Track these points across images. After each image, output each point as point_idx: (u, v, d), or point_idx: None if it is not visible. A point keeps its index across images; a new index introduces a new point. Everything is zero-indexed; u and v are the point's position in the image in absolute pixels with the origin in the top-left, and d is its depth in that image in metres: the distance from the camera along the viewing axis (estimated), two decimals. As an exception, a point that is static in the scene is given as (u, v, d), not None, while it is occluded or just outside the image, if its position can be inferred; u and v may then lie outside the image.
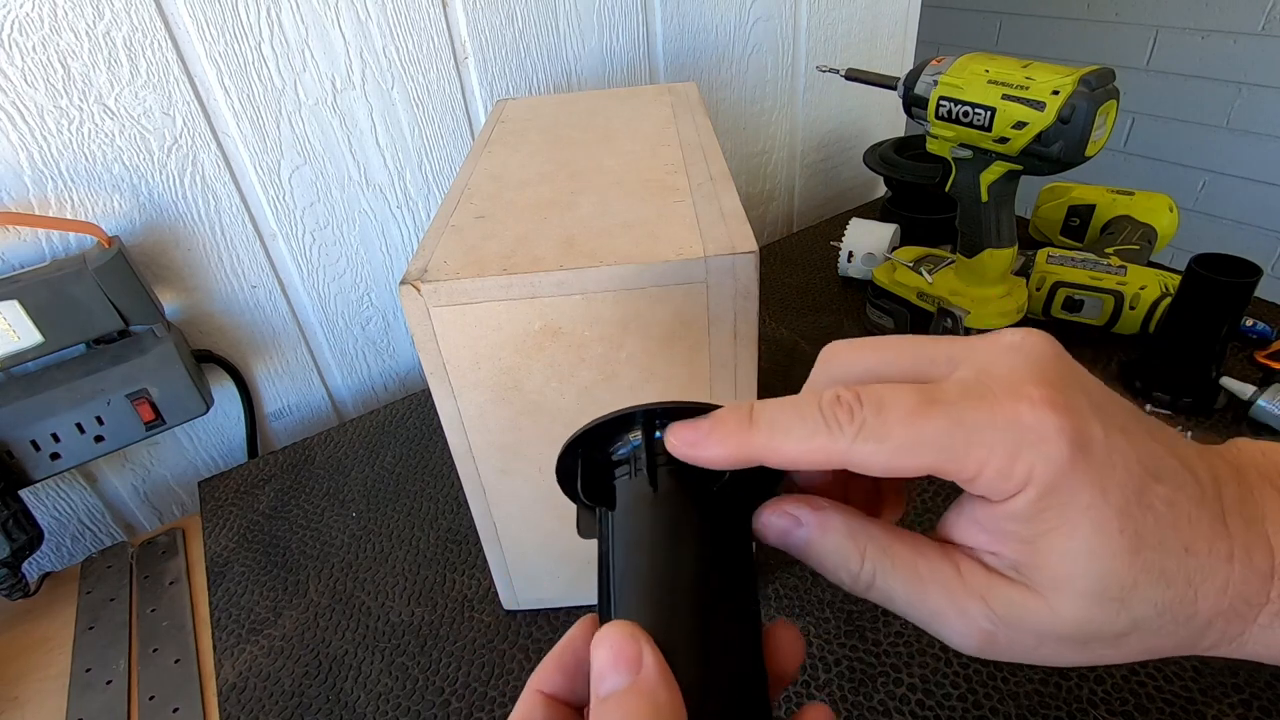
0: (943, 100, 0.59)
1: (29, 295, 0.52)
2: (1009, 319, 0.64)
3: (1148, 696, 0.42)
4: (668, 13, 0.81)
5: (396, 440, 0.69)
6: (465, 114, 0.73)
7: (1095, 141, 0.52)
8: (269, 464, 0.68)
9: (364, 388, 0.80)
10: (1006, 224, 0.62)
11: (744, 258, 0.35)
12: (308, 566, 0.57)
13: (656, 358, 0.38)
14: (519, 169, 0.47)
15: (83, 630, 0.56)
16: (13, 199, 0.55)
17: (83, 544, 0.68)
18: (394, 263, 0.75)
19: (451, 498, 0.62)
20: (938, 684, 0.44)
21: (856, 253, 0.83)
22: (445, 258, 0.37)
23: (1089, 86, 0.51)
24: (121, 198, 0.59)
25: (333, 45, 0.63)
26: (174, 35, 0.57)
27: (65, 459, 0.56)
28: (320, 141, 0.66)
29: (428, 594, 0.54)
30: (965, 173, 0.61)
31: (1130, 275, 0.68)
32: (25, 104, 0.53)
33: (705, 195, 0.41)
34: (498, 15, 0.71)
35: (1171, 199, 0.80)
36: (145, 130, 0.58)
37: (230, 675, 0.50)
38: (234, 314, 0.69)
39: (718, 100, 0.91)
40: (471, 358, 0.38)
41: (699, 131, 0.51)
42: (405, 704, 0.47)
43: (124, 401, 0.57)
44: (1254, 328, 0.68)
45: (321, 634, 0.52)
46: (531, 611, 0.51)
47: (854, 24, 0.98)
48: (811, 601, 0.50)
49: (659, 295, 0.36)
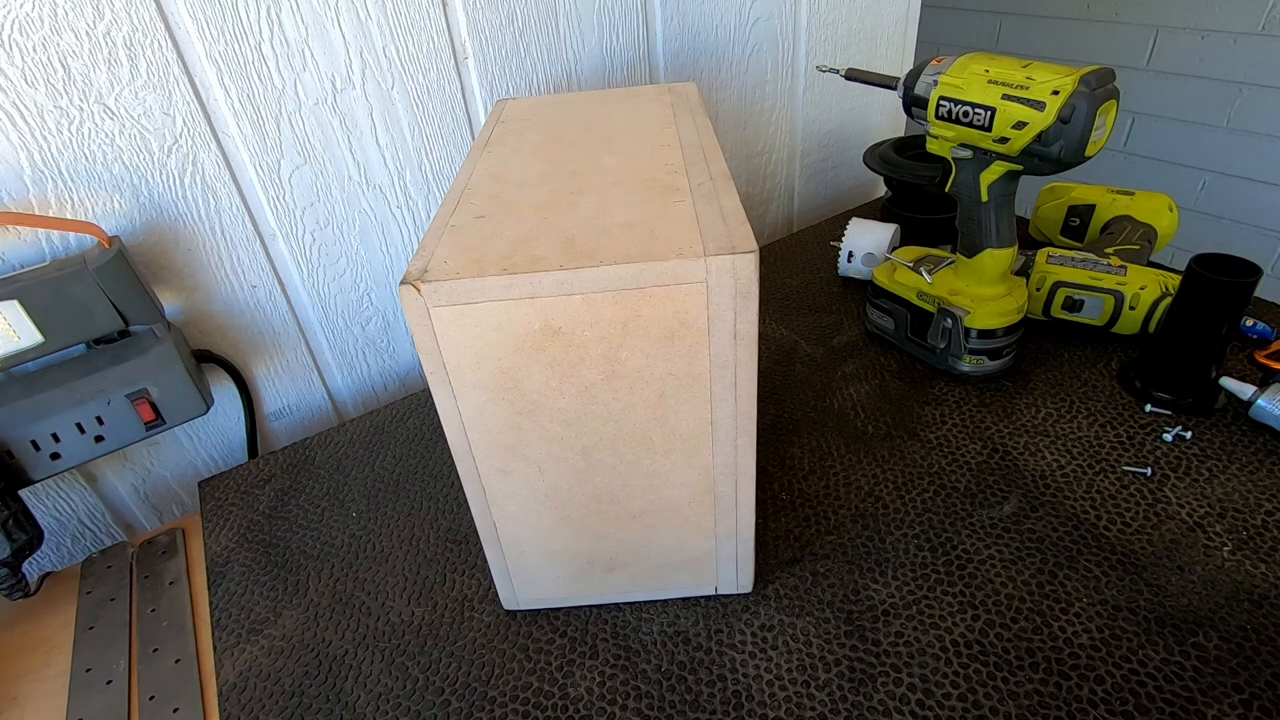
0: (943, 100, 0.59)
1: (29, 295, 0.52)
2: (1009, 319, 0.64)
3: (1148, 696, 0.42)
4: (668, 13, 0.81)
5: (396, 440, 0.69)
6: (465, 114, 0.73)
7: (1095, 141, 0.52)
8: (269, 464, 0.68)
9: (364, 388, 0.80)
10: (1006, 224, 0.62)
11: (744, 258, 0.35)
12: (308, 566, 0.57)
13: (656, 358, 0.38)
14: (519, 169, 0.47)
15: (83, 630, 0.56)
16: (13, 199, 0.55)
17: (83, 544, 0.68)
18: (394, 263, 0.75)
19: (451, 498, 0.62)
20: (938, 684, 0.44)
21: (856, 253, 0.83)
22: (445, 258, 0.37)
23: (1089, 86, 0.51)
24: (121, 198, 0.59)
25: (333, 45, 0.63)
26: (174, 35, 0.57)
27: (65, 459, 0.56)
28: (320, 141, 0.66)
29: (428, 594, 0.54)
30: (965, 173, 0.61)
31: (1130, 275, 0.68)
32: (25, 104, 0.53)
33: (705, 195, 0.41)
34: (498, 15, 0.71)
35: (1171, 199, 0.80)
36: (145, 130, 0.58)
37: (230, 675, 0.50)
38: (234, 314, 0.69)
39: (718, 100, 0.91)
40: (471, 358, 0.38)
41: (699, 131, 0.51)
42: (405, 704, 0.47)
43: (124, 401, 0.57)
44: (1254, 328, 0.68)
45: (321, 634, 0.52)
46: (531, 611, 0.51)
47: (854, 24, 0.98)
48: (811, 601, 0.50)
49: (659, 295, 0.36)
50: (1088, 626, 0.46)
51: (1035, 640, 0.46)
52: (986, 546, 0.52)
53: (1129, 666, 0.44)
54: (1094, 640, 0.46)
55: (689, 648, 0.48)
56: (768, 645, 0.48)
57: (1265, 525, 0.52)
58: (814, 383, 0.70)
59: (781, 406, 0.68)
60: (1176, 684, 0.43)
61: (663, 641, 0.49)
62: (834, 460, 0.61)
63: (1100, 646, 0.45)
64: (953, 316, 0.65)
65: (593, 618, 0.50)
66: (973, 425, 0.63)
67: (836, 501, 0.57)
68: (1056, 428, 0.62)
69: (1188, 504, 0.54)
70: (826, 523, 0.56)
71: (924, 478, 0.59)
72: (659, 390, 0.40)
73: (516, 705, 0.46)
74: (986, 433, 0.62)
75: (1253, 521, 0.52)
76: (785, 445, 0.63)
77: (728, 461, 0.43)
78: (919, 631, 0.47)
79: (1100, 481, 0.56)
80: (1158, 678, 0.43)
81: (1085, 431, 0.61)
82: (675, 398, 0.40)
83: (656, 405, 0.40)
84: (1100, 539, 0.52)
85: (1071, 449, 0.60)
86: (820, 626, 0.48)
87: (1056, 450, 0.60)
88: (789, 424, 0.66)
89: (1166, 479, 0.56)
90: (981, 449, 0.61)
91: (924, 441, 0.62)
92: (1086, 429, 0.61)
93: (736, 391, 0.40)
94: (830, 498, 0.58)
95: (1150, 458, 0.58)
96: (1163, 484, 0.56)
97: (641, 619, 0.50)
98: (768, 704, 0.44)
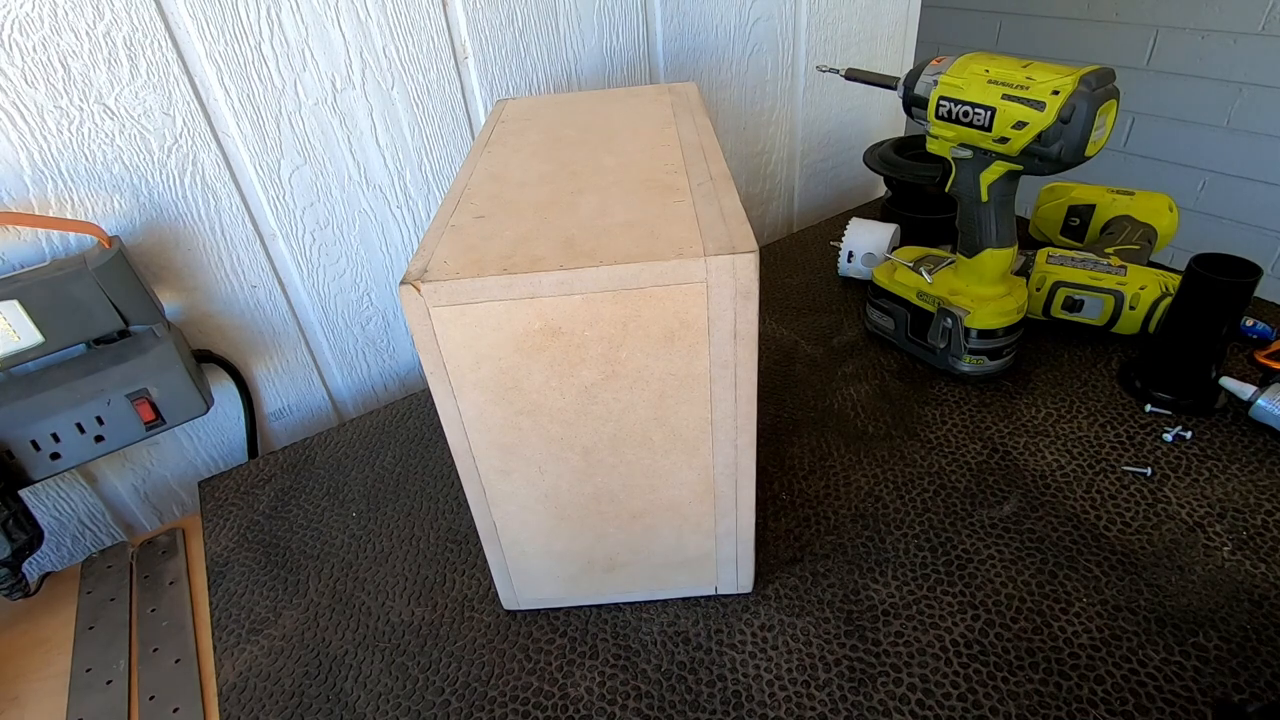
0: (943, 100, 0.59)
1: (29, 295, 0.52)
2: (1009, 319, 0.64)
3: (1148, 696, 0.42)
4: (668, 13, 0.81)
5: (396, 440, 0.69)
6: (465, 114, 0.73)
7: (1095, 141, 0.52)
8: (269, 464, 0.68)
9: (364, 388, 0.80)
10: (1006, 224, 0.62)
11: (744, 258, 0.35)
12: (308, 566, 0.57)
13: (656, 358, 0.38)
14: (519, 169, 0.47)
15: (83, 630, 0.56)
16: (13, 199, 0.55)
17: (83, 544, 0.68)
18: (394, 263, 0.75)
19: (451, 498, 0.62)
20: (938, 684, 0.44)
21: (856, 253, 0.83)
22: (445, 258, 0.37)
23: (1089, 86, 0.51)
24: (121, 198, 0.59)
25: (333, 45, 0.63)
26: (174, 35, 0.57)
27: (65, 459, 0.56)
28: (320, 141, 0.66)
29: (428, 594, 0.54)
30: (965, 173, 0.61)
31: (1130, 275, 0.68)
32: (25, 104, 0.53)
33: (705, 195, 0.41)
34: (498, 15, 0.71)
35: (1171, 199, 0.80)
36: (145, 130, 0.58)
37: (230, 675, 0.50)
38: (234, 314, 0.69)
39: (718, 100, 0.91)
40: (471, 358, 0.38)
41: (699, 131, 0.51)
42: (405, 704, 0.47)
43: (124, 401, 0.57)
44: (1254, 328, 0.68)
45: (321, 634, 0.52)
46: (531, 611, 0.51)
47: (854, 24, 0.98)
48: (811, 601, 0.50)
49: (659, 295, 0.36)
50: (1088, 626, 0.46)
51: (1035, 640, 0.46)
52: (986, 546, 0.52)
53: (1129, 666, 0.44)
54: (1094, 640, 0.46)
55: (689, 648, 0.48)
56: (768, 645, 0.48)
57: (1265, 525, 0.52)
58: (814, 383, 0.70)
59: (781, 406, 0.68)
60: (1176, 684, 0.43)
61: (663, 641, 0.49)
62: (834, 460, 0.61)
63: (1100, 646, 0.45)
64: (953, 316, 0.65)
65: (593, 618, 0.50)
66: (973, 425, 0.63)
67: (836, 501, 0.57)
68: (1056, 428, 0.62)
69: (1188, 504, 0.54)
70: (826, 523, 0.56)
71: (924, 478, 0.59)
72: (659, 390, 0.40)
73: (516, 705, 0.46)
74: (986, 433, 0.62)
75: (1253, 521, 0.52)
76: (785, 445, 0.63)
77: (728, 461, 0.43)
78: (919, 631, 0.47)
79: (1100, 481, 0.56)
80: (1158, 678, 0.43)
81: (1085, 431, 0.61)
82: (675, 398, 0.40)
83: (656, 405, 0.40)
84: (1100, 539, 0.52)
85: (1071, 449, 0.60)
86: (820, 626, 0.48)
87: (1056, 450, 0.60)
88: (789, 424, 0.66)
89: (1166, 479, 0.56)
90: (981, 449, 0.61)
91: (924, 441, 0.62)
92: (1086, 429, 0.61)
93: (736, 391, 0.40)
94: (830, 498, 0.58)
95: (1150, 458, 0.58)
96: (1163, 484, 0.56)
97: (641, 619, 0.50)
98: (768, 704, 0.44)
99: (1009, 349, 0.67)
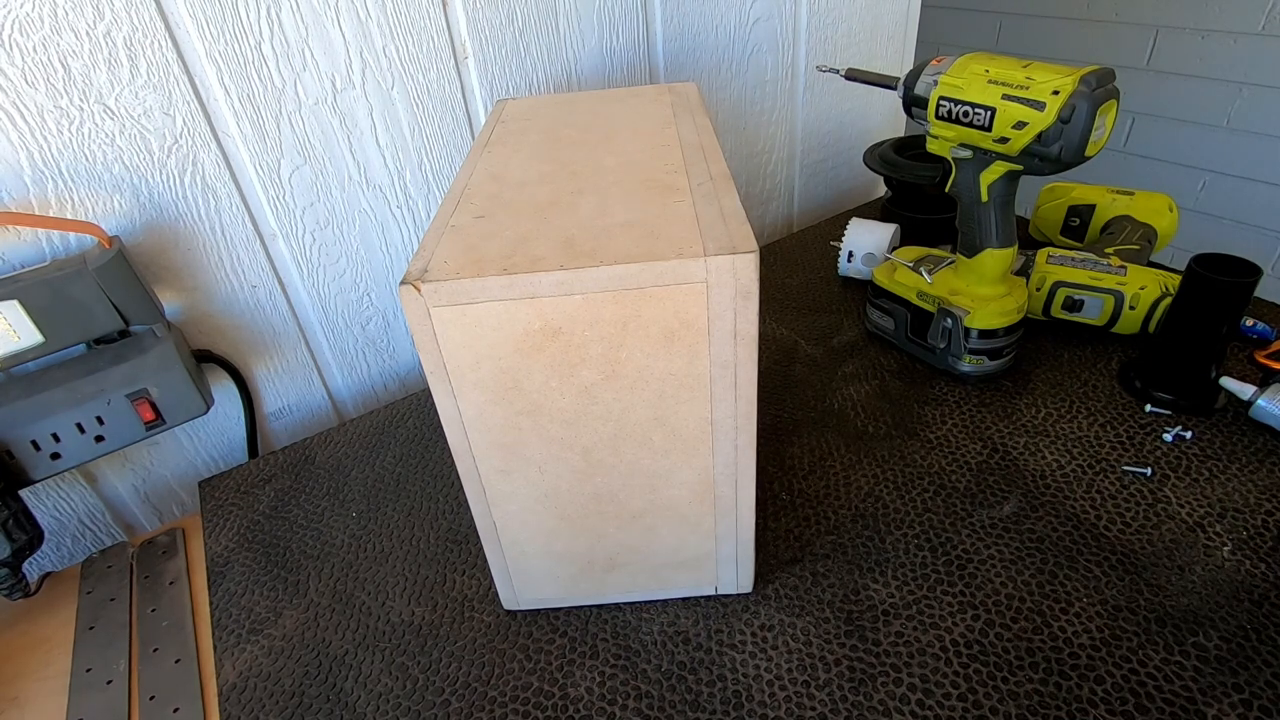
0: (943, 100, 0.59)
1: (29, 295, 0.52)
2: (1009, 319, 0.64)
3: (1148, 696, 0.42)
4: (668, 13, 0.81)
5: (396, 440, 0.69)
6: (465, 114, 0.73)
7: (1095, 141, 0.52)
8: (269, 464, 0.68)
9: (364, 388, 0.80)
10: (1006, 224, 0.62)
11: (744, 258, 0.35)
12: (308, 566, 0.57)
13: (656, 358, 0.38)
14: (519, 169, 0.47)
15: (83, 630, 0.56)
16: (13, 199, 0.55)
17: (83, 544, 0.68)
18: (394, 263, 0.75)
19: (451, 498, 0.62)
20: (938, 684, 0.44)
21: (856, 253, 0.83)
22: (445, 258, 0.37)
23: (1089, 86, 0.51)
24: (121, 198, 0.59)
25: (333, 45, 0.63)
26: (174, 35, 0.57)
27: (65, 459, 0.56)
28: (320, 141, 0.66)
29: (428, 594, 0.54)
30: (965, 173, 0.61)
31: (1130, 275, 0.68)
32: (25, 104, 0.53)
33: (705, 195, 0.41)
34: (498, 15, 0.71)
35: (1171, 199, 0.80)
36: (145, 130, 0.58)
37: (230, 675, 0.50)
38: (234, 314, 0.69)
39: (718, 100, 0.91)
40: (471, 358, 0.38)
41: (699, 131, 0.51)
42: (405, 704, 0.47)
43: (124, 401, 0.57)
44: (1254, 328, 0.68)
45: (321, 634, 0.52)
46: (531, 611, 0.51)
47: (854, 24, 0.98)
48: (811, 601, 0.50)
49: (659, 295, 0.36)
50: (1088, 626, 0.46)
51: (1035, 640, 0.46)
52: (986, 546, 0.52)
53: (1129, 666, 0.44)
54: (1094, 640, 0.46)
55: (689, 648, 0.48)
56: (768, 645, 0.48)
57: (1265, 525, 0.52)
58: (814, 383, 0.70)
59: (781, 406, 0.68)
60: (1176, 684, 0.43)
61: (663, 641, 0.49)
62: (834, 460, 0.61)
63: (1100, 646, 0.45)
64: (953, 316, 0.65)
65: (593, 618, 0.50)
66: (973, 425, 0.63)
67: (836, 501, 0.57)
68: (1056, 428, 0.62)
69: (1188, 504, 0.54)
70: (826, 523, 0.56)
71: (924, 478, 0.59)
72: (659, 390, 0.40)
73: (516, 705, 0.46)
74: (986, 433, 0.62)
75: (1253, 521, 0.52)
76: (785, 445, 0.63)
77: (728, 461, 0.43)
78: (919, 631, 0.47)
79: (1100, 481, 0.56)
80: (1158, 678, 0.43)
81: (1085, 431, 0.61)
82: (675, 398, 0.40)
83: (656, 405, 0.40)
84: (1100, 539, 0.52)
85: (1071, 449, 0.60)
86: (820, 626, 0.48)
87: (1056, 450, 0.60)
88: (789, 424, 0.66)
89: (1166, 479, 0.56)
90: (981, 449, 0.61)
91: (924, 441, 0.62)
92: (1086, 429, 0.61)
93: (736, 391, 0.40)
94: (830, 498, 0.58)
95: (1150, 458, 0.58)
96: (1163, 484, 0.56)
97: (641, 619, 0.50)
98: (768, 704, 0.44)
99: (1009, 349, 0.67)
